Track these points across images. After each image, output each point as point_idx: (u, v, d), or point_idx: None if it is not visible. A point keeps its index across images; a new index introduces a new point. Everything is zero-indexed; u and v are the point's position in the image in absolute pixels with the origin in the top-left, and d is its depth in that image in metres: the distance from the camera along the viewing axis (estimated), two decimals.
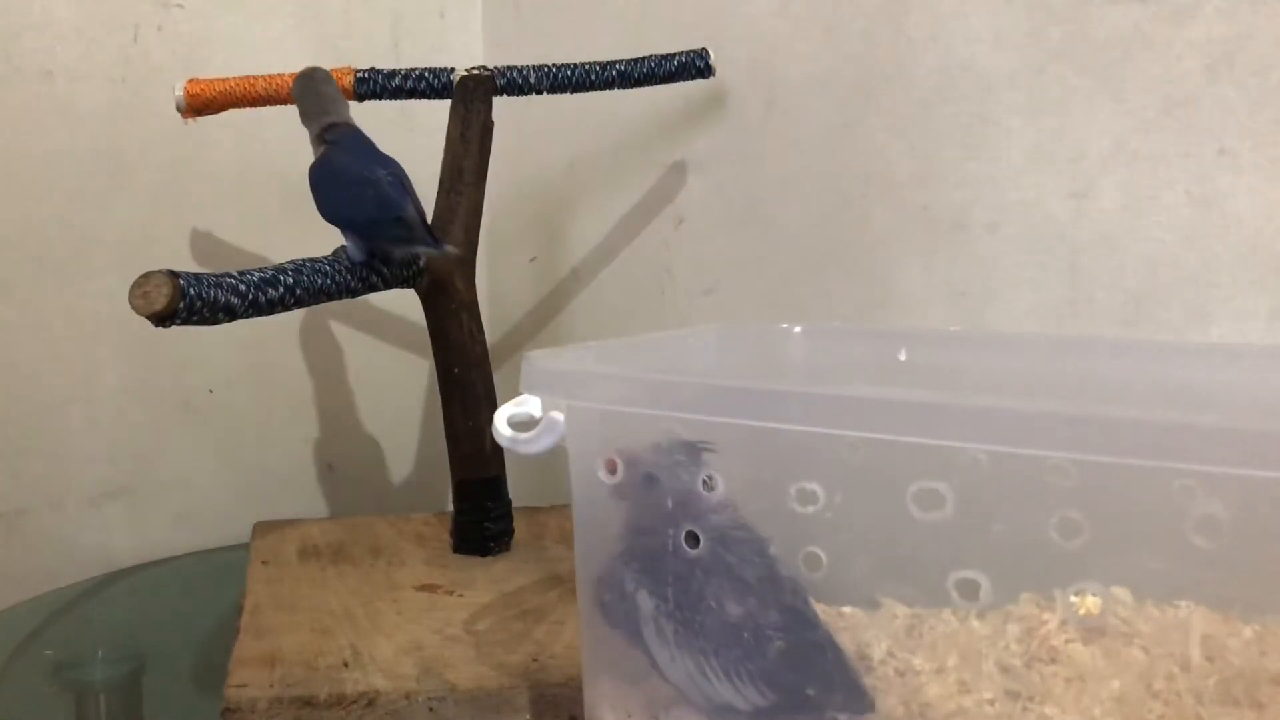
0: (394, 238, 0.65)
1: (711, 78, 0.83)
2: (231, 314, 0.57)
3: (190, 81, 0.78)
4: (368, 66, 0.79)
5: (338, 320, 0.98)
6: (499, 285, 1.04)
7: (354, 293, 0.65)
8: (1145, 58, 0.61)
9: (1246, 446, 0.30)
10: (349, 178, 0.65)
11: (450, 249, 0.68)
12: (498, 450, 0.73)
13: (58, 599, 0.79)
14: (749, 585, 0.39)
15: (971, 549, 0.36)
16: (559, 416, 0.43)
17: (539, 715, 0.53)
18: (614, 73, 0.81)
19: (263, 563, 0.72)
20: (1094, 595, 0.35)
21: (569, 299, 0.99)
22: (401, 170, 0.67)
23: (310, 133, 0.69)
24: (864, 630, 0.39)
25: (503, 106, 0.78)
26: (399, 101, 0.80)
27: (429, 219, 0.72)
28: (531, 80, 0.81)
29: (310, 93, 0.70)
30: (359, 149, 0.67)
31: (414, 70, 0.80)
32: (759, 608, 0.39)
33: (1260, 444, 0.30)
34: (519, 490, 0.77)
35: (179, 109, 0.78)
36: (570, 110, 0.92)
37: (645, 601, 0.41)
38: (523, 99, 0.82)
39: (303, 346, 0.96)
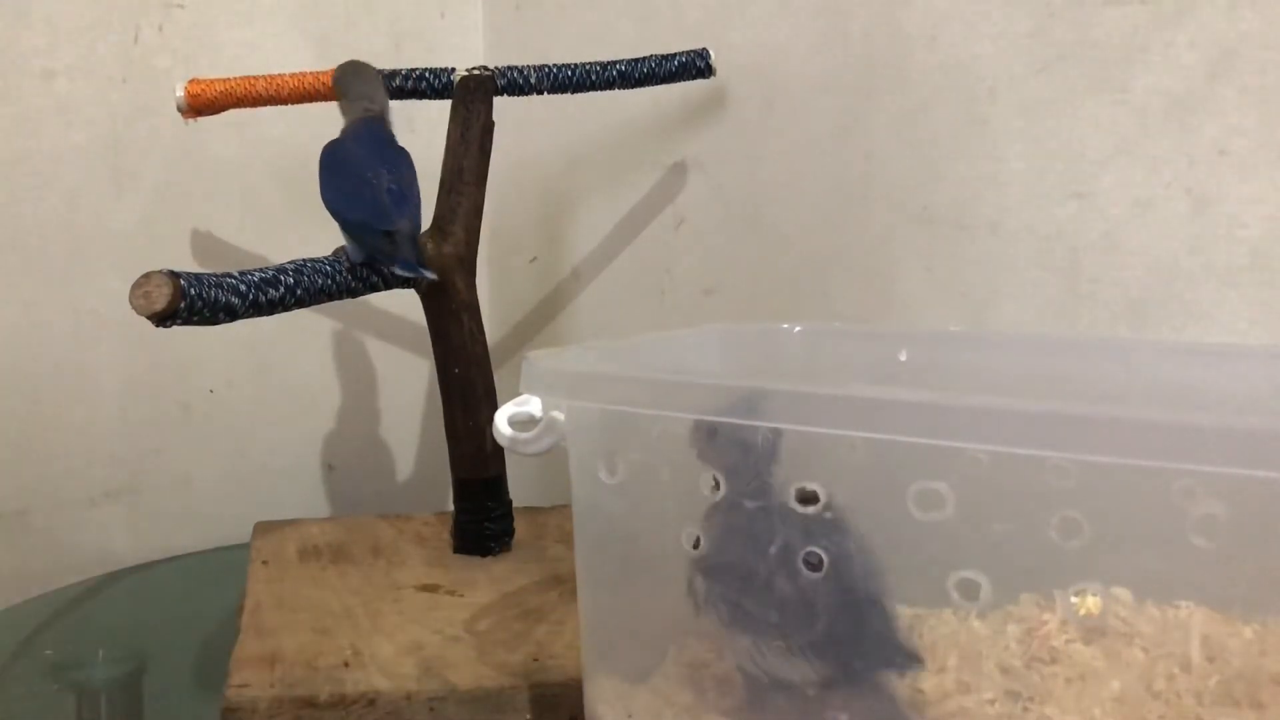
0: (378, 248, 0.64)
1: (712, 78, 0.83)
2: (232, 314, 0.57)
3: (191, 81, 0.78)
4: None
5: (338, 320, 0.98)
6: (500, 285, 1.04)
7: (354, 293, 0.65)
8: (1145, 58, 0.61)
9: (1246, 446, 0.30)
10: (351, 172, 0.65)
11: (429, 274, 0.67)
12: (498, 450, 0.73)
13: (58, 599, 0.79)
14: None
15: (972, 549, 0.36)
16: (560, 416, 0.43)
17: (539, 715, 0.53)
18: (614, 73, 0.81)
19: (263, 563, 0.72)
20: (1094, 595, 0.35)
21: (569, 299, 0.99)
22: (410, 171, 0.67)
23: (346, 120, 0.69)
24: None
25: (503, 107, 0.78)
26: (399, 102, 0.80)
27: (432, 218, 0.73)
28: (532, 80, 0.81)
29: (359, 78, 0.70)
30: (372, 142, 0.67)
31: (414, 70, 0.80)
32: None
33: (1260, 444, 0.30)
34: (519, 490, 0.77)
35: (180, 109, 0.78)
36: (571, 111, 0.92)
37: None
38: (523, 99, 0.82)
39: (303, 346, 0.96)
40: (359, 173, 0.65)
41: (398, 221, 0.64)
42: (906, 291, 0.73)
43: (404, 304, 0.89)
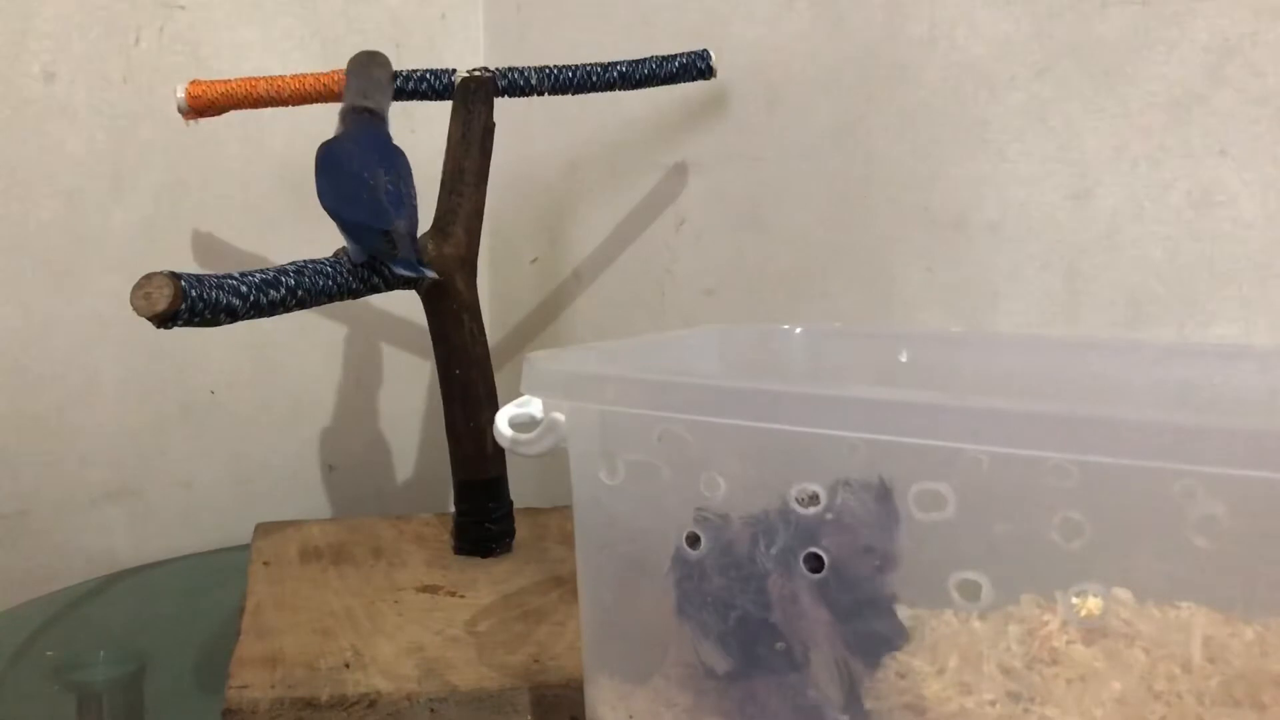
0: (377, 248, 0.64)
1: (713, 79, 0.83)
2: (233, 315, 0.57)
3: (192, 83, 0.78)
4: None
5: (339, 321, 0.98)
6: (500, 286, 1.04)
7: (355, 294, 0.65)
8: (1146, 58, 0.62)
9: (1246, 446, 0.30)
10: (349, 172, 0.65)
11: (429, 272, 0.67)
12: (499, 451, 0.73)
13: (59, 600, 0.79)
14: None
15: (972, 550, 0.36)
16: (560, 417, 0.43)
17: (540, 716, 0.53)
18: (615, 74, 0.81)
19: (264, 563, 0.72)
20: (1095, 596, 0.35)
21: (570, 300, 0.99)
22: (407, 171, 0.67)
23: (342, 108, 0.69)
24: None
25: (504, 108, 0.78)
26: (400, 103, 0.80)
27: (433, 219, 0.73)
28: (533, 81, 0.81)
29: (361, 74, 0.70)
30: (369, 142, 0.67)
31: (415, 71, 0.80)
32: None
33: (1260, 444, 0.30)
34: (520, 491, 0.77)
35: (180, 110, 0.78)
36: (571, 112, 0.92)
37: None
38: (524, 100, 0.82)
39: (304, 347, 0.97)
40: (356, 173, 0.65)
41: (396, 220, 0.64)
42: (906, 291, 0.73)
43: (405, 305, 0.89)
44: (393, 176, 0.65)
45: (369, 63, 0.71)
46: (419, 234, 0.69)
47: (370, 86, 0.70)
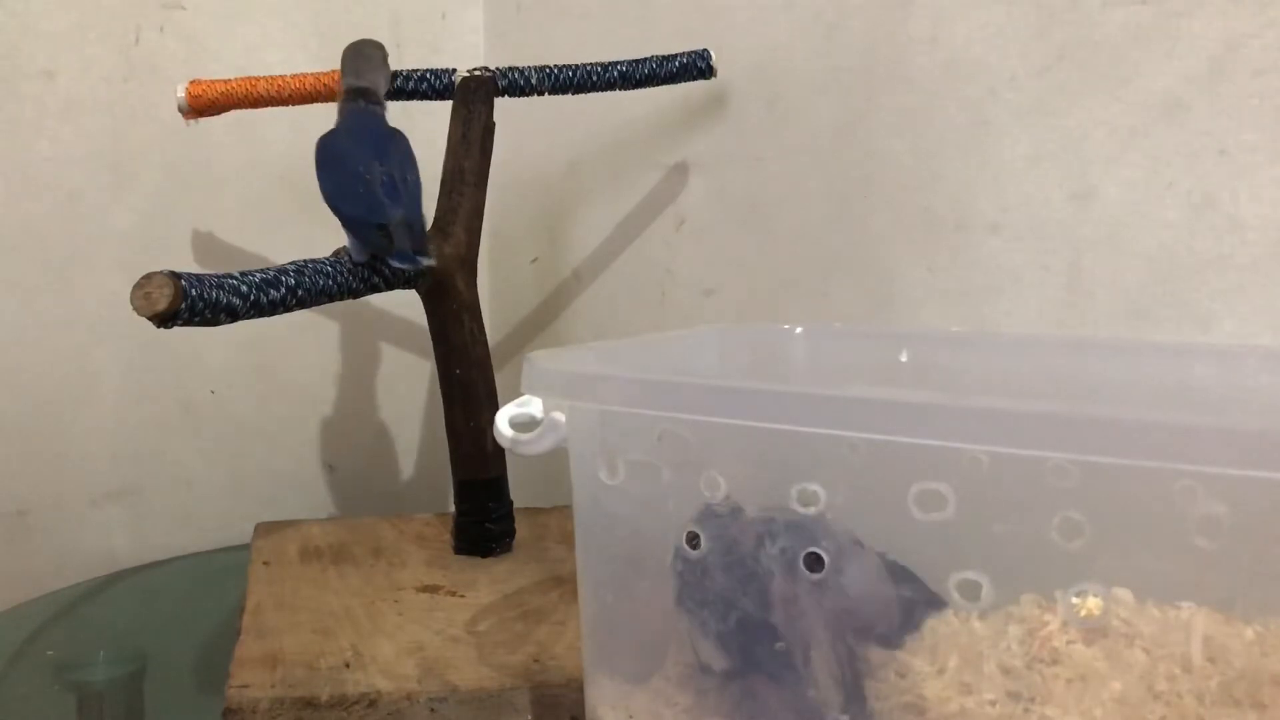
0: (373, 243, 0.64)
1: (713, 78, 0.83)
2: (233, 315, 0.57)
3: (192, 82, 0.78)
4: None
5: (339, 321, 0.98)
6: (501, 286, 1.04)
7: (356, 293, 0.65)
8: (1146, 58, 0.61)
9: (1247, 446, 0.30)
10: (346, 166, 0.65)
11: (427, 262, 0.66)
12: (499, 451, 0.73)
13: (59, 600, 0.79)
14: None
15: (973, 550, 0.36)
16: (560, 417, 0.43)
17: (540, 716, 0.53)
18: (615, 74, 0.81)
19: (264, 563, 0.72)
20: (1095, 596, 0.35)
21: (570, 300, 0.99)
22: (404, 155, 0.66)
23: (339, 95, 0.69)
24: None
25: (504, 107, 0.78)
26: (400, 103, 0.80)
27: (433, 219, 0.73)
28: (533, 81, 0.81)
29: (352, 55, 0.70)
30: (363, 133, 0.67)
31: (415, 71, 0.80)
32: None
33: (1260, 444, 0.30)
34: (520, 491, 0.77)
35: (181, 110, 0.78)
36: (572, 111, 0.92)
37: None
38: (524, 100, 0.82)
39: (304, 347, 0.97)
40: (351, 167, 0.65)
41: (391, 213, 0.63)
42: (907, 292, 0.73)
43: (405, 304, 0.89)
44: (388, 166, 0.65)
45: (362, 44, 0.71)
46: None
47: (363, 64, 0.70)
